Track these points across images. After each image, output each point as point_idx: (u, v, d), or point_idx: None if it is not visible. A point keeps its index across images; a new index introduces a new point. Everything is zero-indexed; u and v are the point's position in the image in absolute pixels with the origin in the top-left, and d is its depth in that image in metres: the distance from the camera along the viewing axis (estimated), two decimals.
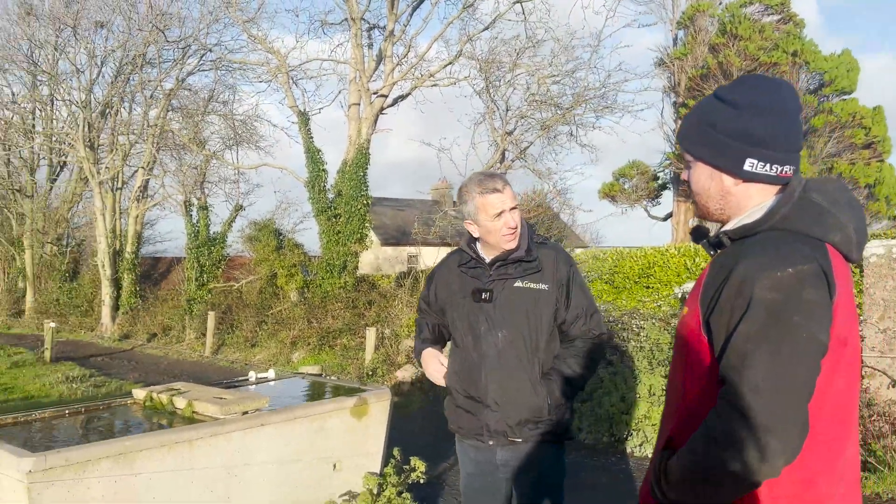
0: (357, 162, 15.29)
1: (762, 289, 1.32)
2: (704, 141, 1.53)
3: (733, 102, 1.49)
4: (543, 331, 2.62)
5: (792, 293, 1.31)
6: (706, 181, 1.55)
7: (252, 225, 18.38)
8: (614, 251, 15.78)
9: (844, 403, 1.41)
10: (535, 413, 2.59)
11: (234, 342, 15.44)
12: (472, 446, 2.77)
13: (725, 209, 1.55)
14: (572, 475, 5.60)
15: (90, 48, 21.48)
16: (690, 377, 1.50)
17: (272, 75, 16.73)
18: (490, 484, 2.77)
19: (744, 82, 1.53)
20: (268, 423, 3.83)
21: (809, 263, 1.34)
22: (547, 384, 2.59)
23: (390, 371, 10.17)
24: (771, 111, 1.47)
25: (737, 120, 1.48)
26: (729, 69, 18.77)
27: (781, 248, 1.37)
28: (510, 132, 15.19)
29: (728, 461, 1.32)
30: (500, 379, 2.61)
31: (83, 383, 10.44)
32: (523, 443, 2.64)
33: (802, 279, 1.32)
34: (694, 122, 1.57)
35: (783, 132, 1.47)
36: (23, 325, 24.14)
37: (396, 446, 4.73)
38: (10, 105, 25.04)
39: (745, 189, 1.51)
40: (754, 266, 1.35)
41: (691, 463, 1.40)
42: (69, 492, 3.05)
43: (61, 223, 26.87)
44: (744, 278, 1.35)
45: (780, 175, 1.48)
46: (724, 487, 1.36)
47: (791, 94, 1.50)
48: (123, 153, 21.79)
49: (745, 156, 1.47)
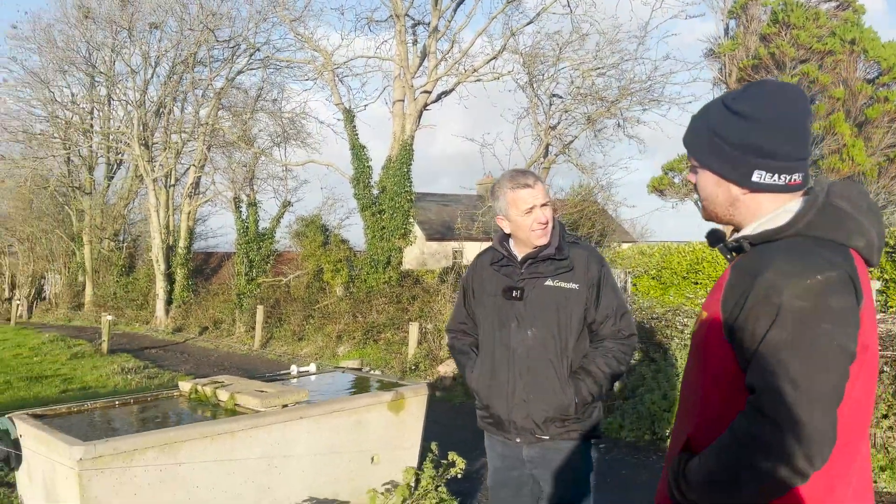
0: (401, 158, 15.41)
1: (791, 297, 1.31)
2: (712, 150, 1.52)
3: (742, 113, 1.48)
4: (573, 330, 2.63)
5: (820, 301, 1.30)
6: (713, 188, 1.54)
7: (299, 221, 18.72)
8: (661, 246, 15.54)
9: (861, 407, 1.39)
10: (562, 411, 2.60)
11: (281, 336, 15.76)
12: (499, 441, 2.81)
13: (735, 215, 1.54)
14: (613, 472, 5.58)
15: (144, 49, 22.17)
16: (710, 381, 1.49)
17: (318, 73, 16.98)
18: (516, 479, 2.80)
19: (752, 90, 1.51)
20: (307, 416, 3.92)
21: (836, 270, 1.32)
22: (574, 383, 2.60)
23: (433, 366, 10.24)
24: (779, 121, 1.45)
25: (744, 132, 1.46)
26: (782, 59, 18.26)
27: (808, 254, 1.36)
28: (554, 126, 15.09)
29: (758, 467, 1.32)
30: (527, 376, 2.63)
31: (137, 375, 10.81)
32: (550, 440, 2.65)
33: (830, 286, 1.31)
34: (702, 130, 1.56)
35: (791, 142, 1.45)
36: (82, 318, 25.09)
37: (438, 440, 4.78)
38: (70, 105, 26.03)
39: (754, 198, 1.50)
40: (782, 273, 1.34)
41: (717, 466, 1.39)
42: (118, 479, 3.19)
43: (118, 219, 27.81)
44: (771, 286, 1.34)
45: (788, 184, 1.47)
46: (748, 492, 1.35)
47: (800, 101, 1.48)
48: (176, 151, 22.43)
49: (753, 168, 1.46)
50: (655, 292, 13.87)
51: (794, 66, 18.17)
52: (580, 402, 2.60)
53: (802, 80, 17.57)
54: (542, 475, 2.72)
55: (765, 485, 1.33)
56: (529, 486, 2.81)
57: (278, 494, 3.78)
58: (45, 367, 11.79)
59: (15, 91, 24.80)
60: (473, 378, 2.80)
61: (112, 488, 3.17)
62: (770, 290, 1.34)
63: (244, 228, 19.60)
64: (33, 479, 3.58)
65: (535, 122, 15.11)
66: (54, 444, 3.22)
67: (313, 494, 3.95)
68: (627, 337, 2.68)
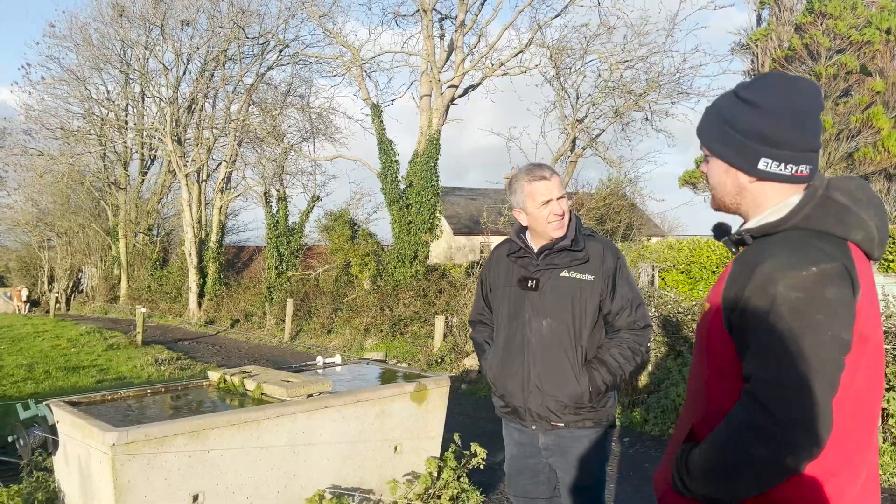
0: (428, 152, 15.47)
1: (786, 288, 1.34)
2: (721, 138, 1.55)
3: (751, 102, 1.51)
4: (587, 321, 2.67)
5: (815, 292, 1.33)
6: (722, 176, 1.58)
7: (328, 215, 18.91)
8: (690, 240, 15.37)
9: (866, 399, 1.41)
10: (576, 400, 2.65)
11: (311, 328, 15.97)
12: (516, 429, 2.87)
13: (741, 204, 1.57)
14: (636, 466, 5.59)
15: (176, 46, 22.55)
16: (714, 373, 1.52)
17: (346, 68, 17.10)
18: (532, 466, 2.87)
19: (763, 81, 1.53)
20: (331, 406, 4.00)
21: (832, 262, 1.35)
22: (588, 372, 2.64)
23: (458, 359, 10.31)
24: (787, 112, 1.48)
25: (753, 120, 1.50)
26: (816, 49, 17.90)
27: (805, 247, 1.39)
28: (581, 120, 15.01)
29: (752, 455, 1.35)
30: (541, 365, 2.68)
31: (170, 366, 11.07)
32: (565, 428, 2.70)
33: (825, 278, 1.33)
34: (713, 118, 1.59)
35: (798, 133, 1.48)
36: (118, 311, 25.69)
37: (462, 431, 4.84)
38: (105, 102, 26.59)
39: (760, 187, 1.53)
40: (778, 265, 1.37)
41: (714, 455, 1.42)
42: (149, 464, 3.31)
43: (152, 214, 28.38)
44: (768, 277, 1.37)
45: (795, 174, 1.49)
46: (745, 481, 1.38)
47: (810, 93, 1.50)
48: (208, 147, 22.81)
49: (759, 155, 1.49)
50: (684, 287, 13.75)
51: (830, 56, 17.79)
52: (594, 391, 2.64)
53: (840, 71, 17.20)
54: (558, 462, 2.78)
55: (760, 472, 1.36)
56: (546, 473, 2.87)
57: (304, 481, 3.88)
58: (82, 357, 12.12)
59: (52, 88, 25.41)
60: (488, 367, 2.86)
61: (143, 473, 3.29)
62: (766, 281, 1.37)
63: (274, 223, 19.87)
64: (69, 463, 3.72)
65: (562, 115, 15.06)
66: (89, 430, 3.34)
67: (338, 482, 4.04)
68: (642, 328, 2.72)
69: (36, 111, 25.16)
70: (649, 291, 9.01)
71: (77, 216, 29.79)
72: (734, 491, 1.41)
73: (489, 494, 4.71)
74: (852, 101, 17.26)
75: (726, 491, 1.42)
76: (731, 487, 1.41)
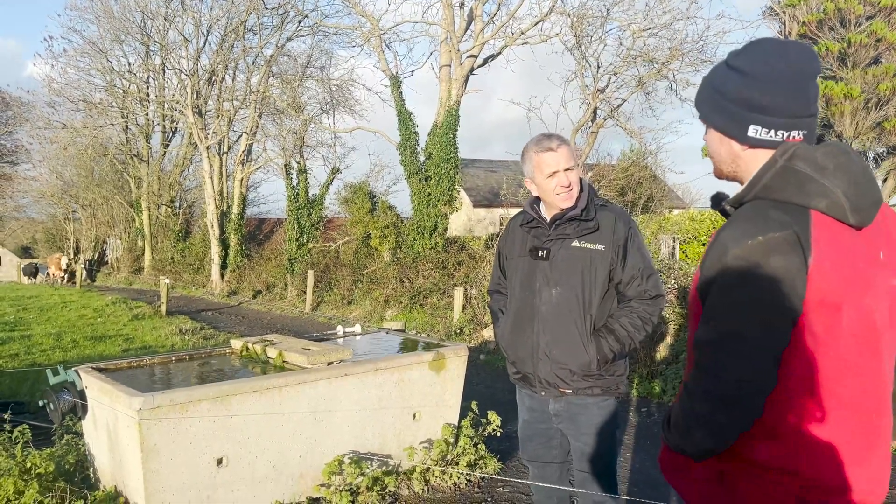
0: (447, 124, 15.40)
1: (733, 257, 1.41)
2: (713, 107, 1.58)
3: (738, 69, 1.52)
4: (597, 290, 2.69)
5: (758, 259, 1.38)
6: (717, 146, 1.60)
7: (347, 187, 18.97)
8: (712, 212, 15.23)
9: (863, 366, 1.42)
10: (584, 367, 2.69)
11: (331, 300, 16.13)
12: (527, 395, 2.94)
13: (737, 172, 1.59)
14: (653, 435, 5.62)
15: (196, 17, 22.53)
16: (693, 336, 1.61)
17: (365, 39, 16.99)
18: (544, 431, 2.93)
19: (752, 47, 1.54)
20: (351, 374, 4.07)
21: (781, 231, 1.39)
22: (596, 340, 2.68)
23: (477, 330, 10.37)
24: (775, 77, 1.48)
25: (741, 87, 1.51)
26: (848, 16, 17.43)
27: (756, 217, 1.43)
28: (602, 90, 14.81)
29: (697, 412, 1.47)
30: (550, 333, 2.72)
31: (194, 335, 11.27)
32: (573, 395, 2.75)
33: (770, 246, 1.38)
34: (706, 88, 1.62)
35: (787, 98, 1.48)
36: (142, 281, 26.10)
37: (480, 400, 4.91)
38: (127, 74, 26.74)
39: (752, 154, 1.54)
40: (730, 235, 1.43)
41: (676, 413, 1.56)
42: (174, 428, 3.40)
43: (174, 186, 28.66)
44: (722, 247, 1.44)
45: (787, 140, 1.50)
46: (700, 436, 1.48)
47: (802, 58, 1.49)
48: (228, 118, 22.88)
49: (748, 122, 1.51)
50: None
51: (860, 22, 17.32)
52: (601, 359, 2.68)
53: (870, 38, 16.75)
54: (568, 429, 2.84)
55: (707, 428, 1.46)
56: (558, 438, 2.93)
57: (324, 447, 3.96)
58: (108, 327, 12.38)
59: (75, 60, 25.59)
60: (501, 334, 2.92)
61: (169, 436, 3.39)
62: (720, 251, 1.44)
63: (294, 195, 19.97)
64: (98, 427, 3.83)
65: (583, 85, 14.87)
66: (116, 395, 3.44)
67: (358, 448, 4.12)
68: (653, 298, 2.73)
69: (59, 84, 25.44)
70: (669, 263, 8.97)
71: (101, 188, 30.17)
72: (694, 444, 1.50)
73: (506, 462, 4.78)
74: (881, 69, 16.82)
75: (688, 444, 1.52)
76: (691, 441, 1.51)
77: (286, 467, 3.83)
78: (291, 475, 3.86)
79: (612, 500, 2.86)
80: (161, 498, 3.39)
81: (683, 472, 1.60)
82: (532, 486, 3.12)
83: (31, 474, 3.60)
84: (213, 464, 3.55)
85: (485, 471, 4.40)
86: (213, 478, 3.55)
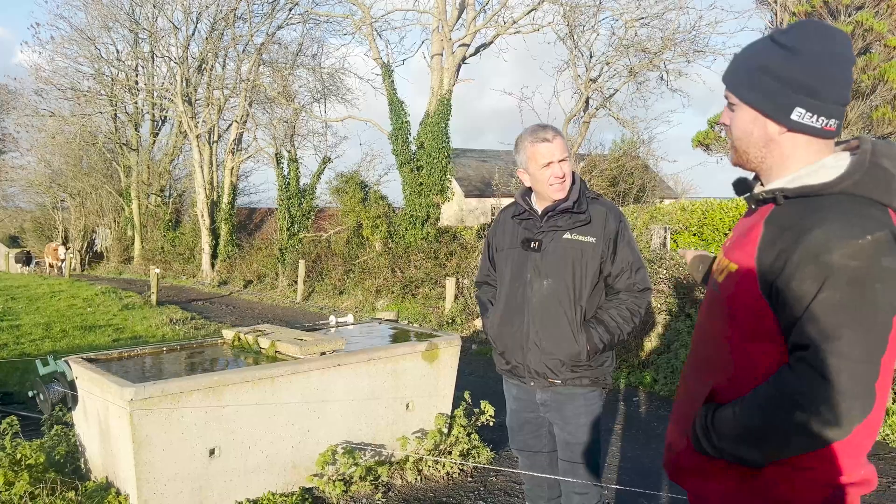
0: (439, 113, 15.34)
1: (843, 257, 1.31)
2: (753, 84, 1.49)
3: (790, 47, 1.44)
4: (587, 282, 2.71)
5: (873, 261, 1.30)
6: (749, 125, 1.51)
7: (339, 177, 18.88)
8: (703, 202, 15.25)
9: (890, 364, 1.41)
10: (573, 358, 2.70)
11: (323, 289, 16.09)
12: (515, 385, 2.95)
13: (766, 158, 1.51)
14: (646, 425, 5.65)
15: (185, 4, 22.30)
16: (740, 335, 1.50)
17: (356, 27, 16.88)
18: (532, 419, 2.96)
19: (801, 27, 1.46)
20: (344, 364, 4.06)
21: (883, 230, 1.33)
22: (586, 331, 2.70)
23: (469, 320, 10.38)
24: (826, 60, 1.42)
25: (791, 66, 1.43)
26: (836, 6, 17.46)
27: (858, 215, 1.35)
28: (594, 79, 14.79)
29: (805, 421, 1.35)
30: (540, 324, 2.73)
31: (185, 325, 11.22)
32: (562, 385, 2.77)
33: (881, 246, 1.31)
34: (743, 64, 1.52)
35: (835, 83, 1.42)
36: (132, 271, 25.95)
37: (473, 390, 4.91)
38: (115, 62, 26.48)
39: (791, 139, 1.47)
40: (832, 233, 1.34)
41: (756, 418, 1.42)
42: (166, 419, 3.39)
43: (164, 175, 28.45)
44: (822, 245, 1.34)
45: (824, 128, 1.44)
46: (784, 445, 1.39)
47: (847, 44, 1.44)
48: (218, 107, 22.71)
49: (794, 103, 1.44)
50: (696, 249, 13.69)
51: (849, 13, 17.36)
52: (591, 349, 2.70)
53: (857, 29, 16.79)
54: (554, 418, 2.86)
55: (808, 437, 1.36)
56: (546, 427, 2.97)
57: (318, 437, 3.96)
58: (98, 317, 12.30)
59: (62, 48, 25.30)
60: (490, 325, 2.93)
61: (161, 427, 3.37)
62: (820, 249, 1.34)
63: (286, 184, 19.87)
64: (89, 418, 3.81)
65: (575, 75, 14.84)
66: (107, 386, 3.42)
67: (351, 438, 4.12)
68: (641, 291, 2.76)
69: (46, 71, 25.14)
70: (661, 253, 8.99)
71: (90, 177, 29.89)
72: (770, 453, 1.42)
73: (499, 451, 4.79)
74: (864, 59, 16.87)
75: (761, 452, 1.42)
76: (768, 450, 1.41)
77: (279, 457, 3.82)
78: (284, 465, 3.85)
79: (595, 489, 2.88)
80: (153, 488, 3.37)
81: (701, 474, 1.54)
82: (523, 475, 3.14)
83: (21, 465, 3.57)
84: (206, 454, 3.54)
85: (478, 460, 4.41)
86: (206, 468, 3.54)
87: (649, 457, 4.87)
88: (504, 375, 2.99)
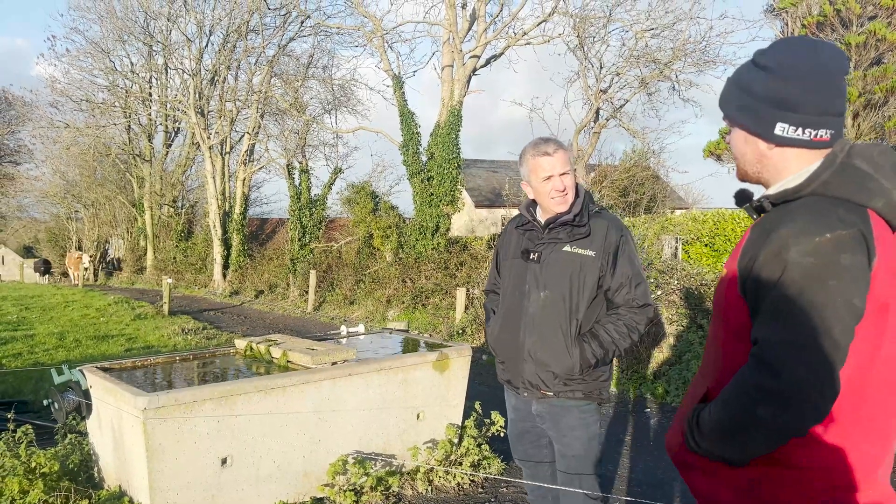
0: (449, 124, 15.40)
1: (799, 253, 1.34)
2: (739, 105, 1.55)
3: (765, 66, 1.50)
4: (585, 295, 2.71)
5: (829, 258, 1.32)
6: (743, 146, 1.57)
7: (350, 187, 18.97)
8: (715, 213, 15.21)
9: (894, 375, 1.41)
10: (566, 371, 2.70)
11: (333, 300, 16.13)
12: (513, 395, 2.98)
13: (762, 172, 1.56)
14: (657, 436, 5.63)
15: (199, 18, 22.56)
16: (732, 337, 1.53)
17: (368, 39, 17.00)
18: (531, 429, 2.98)
19: (779, 45, 1.52)
20: (355, 374, 4.08)
21: (849, 229, 1.34)
22: (580, 345, 2.69)
23: (479, 330, 10.37)
24: (803, 75, 1.45)
25: (767, 84, 1.48)
26: (848, 16, 17.42)
27: (821, 213, 1.38)
28: (604, 90, 14.82)
29: (758, 415, 1.37)
30: (536, 335, 2.74)
31: (197, 335, 11.28)
32: (555, 397, 2.77)
33: (840, 244, 1.33)
34: (731, 88, 1.59)
35: (814, 95, 1.45)
36: (144, 281, 26.11)
37: (484, 400, 4.91)
38: (129, 74, 26.77)
39: (780, 153, 1.51)
40: (793, 231, 1.37)
41: (722, 415, 1.45)
42: (179, 428, 3.41)
43: (176, 186, 28.68)
44: (782, 242, 1.37)
45: (814, 139, 1.47)
46: (751, 440, 1.41)
47: (831, 56, 1.47)
48: (231, 119, 22.91)
49: (775, 120, 1.48)
50: (708, 259, 13.63)
51: (862, 23, 17.31)
52: (584, 363, 2.69)
53: (869, 39, 16.74)
54: (550, 430, 2.87)
55: (765, 432, 1.38)
56: (547, 437, 2.97)
57: (328, 446, 3.97)
58: (111, 327, 12.39)
59: (77, 61, 25.62)
60: (490, 333, 2.96)
61: (174, 436, 3.39)
62: (780, 246, 1.38)
63: (297, 195, 19.98)
64: (102, 426, 3.84)
65: (586, 85, 14.87)
66: (121, 395, 3.45)
67: (361, 448, 4.12)
68: (641, 307, 2.74)
69: (62, 84, 25.47)
70: (672, 264, 8.97)
71: (103, 188, 30.19)
72: (741, 449, 1.44)
73: (509, 462, 4.78)
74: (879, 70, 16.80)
75: (734, 449, 1.45)
76: (739, 446, 1.44)
77: (290, 467, 3.84)
78: (295, 475, 3.87)
79: (594, 501, 2.87)
80: (165, 497, 3.39)
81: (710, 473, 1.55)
82: (526, 485, 3.14)
83: (35, 474, 3.61)
84: (218, 463, 3.56)
85: (488, 471, 4.40)
86: (218, 477, 3.56)
87: (661, 468, 4.85)
88: (504, 385, 3.01)
